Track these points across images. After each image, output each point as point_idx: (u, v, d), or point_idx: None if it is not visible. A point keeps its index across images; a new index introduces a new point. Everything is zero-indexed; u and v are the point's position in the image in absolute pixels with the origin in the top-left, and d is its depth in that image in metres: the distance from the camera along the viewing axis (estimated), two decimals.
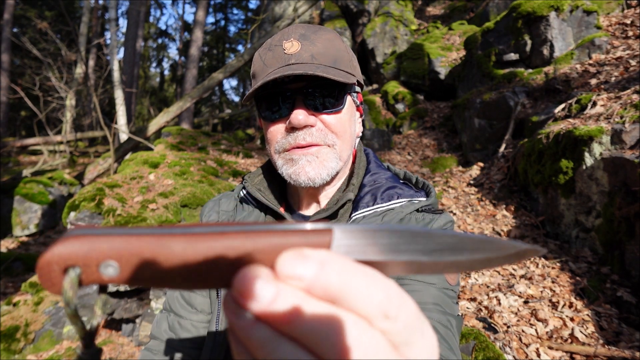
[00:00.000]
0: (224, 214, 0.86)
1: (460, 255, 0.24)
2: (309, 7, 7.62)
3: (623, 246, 2.70)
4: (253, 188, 0.82)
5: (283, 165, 0.76)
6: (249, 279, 0.22)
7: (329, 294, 0.22)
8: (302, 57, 0.71)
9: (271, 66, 0.72)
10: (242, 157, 5.45)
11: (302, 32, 0.73)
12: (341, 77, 0.70)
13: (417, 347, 0.23)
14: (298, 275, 0.22)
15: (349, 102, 0.78)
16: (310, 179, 0.73)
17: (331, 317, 0.21)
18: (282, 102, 0.73)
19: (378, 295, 0.22)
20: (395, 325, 0.22)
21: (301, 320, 0.21)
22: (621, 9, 5.68)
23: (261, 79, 0.71)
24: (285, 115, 0.73)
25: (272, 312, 0.21)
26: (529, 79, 5.33)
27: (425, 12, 12.42)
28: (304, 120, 0.70)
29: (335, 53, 0.73)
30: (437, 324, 0.65)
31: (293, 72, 0.66)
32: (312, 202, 0.83)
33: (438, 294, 0.69)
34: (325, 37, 0.74)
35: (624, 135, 2.93)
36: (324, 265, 0.22)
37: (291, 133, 0.73)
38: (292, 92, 0.72)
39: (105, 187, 3.48)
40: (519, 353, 2.24)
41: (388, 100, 8.17)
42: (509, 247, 0.25)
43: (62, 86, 10.41)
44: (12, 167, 11.18)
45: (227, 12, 26.42)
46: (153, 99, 22.82)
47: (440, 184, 4.91)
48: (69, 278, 0.23)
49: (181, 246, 0.23)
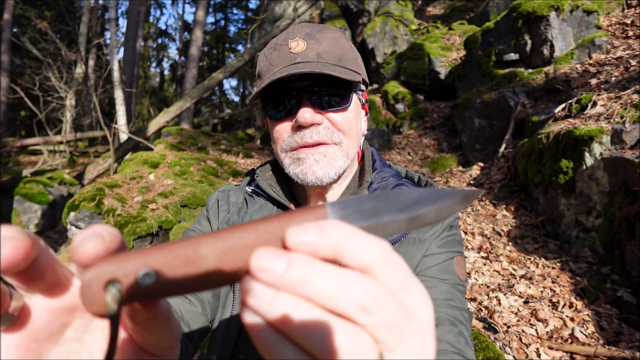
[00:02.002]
0: (234, 205, 0.87)
1: (426, 206, 0.28)
2: (309, 7, 7.62)
3: (623, 246, 2.70)
4: (264, 183, 0.83)
5: (290, 164, 0.76)
6: (263, 256, 0.24)
7: (332, 249, 0.24)
8: (308, 55, 0.71)
9: (277, 65, 0.72)
10: (242, 157, 5.45)
11: (308, 31, 0.73)
12: (347, 75, 0.70)
13: (416, 292, 0.25)
14: (304, 242, 0.24)
15: (354, 100, 0.78)
16: (318, 178, 0.73)
17: (342, 276, 0.24)
18: (288, 101, 0.73)
19: (375, 244, 0.24)
20: (395, 268, 0.24)
21: (312, 285, 0.23)
22: (621, 9, 5.67)
23: (267, 78, 0.71)
24: (292, 114, 0.73)
25: (286, 280, 0.23)
26: (529, 79, 5.33)
27: (425, 12, 12.42)
28: (310, 119, 0.70)
29: (341, 51, 0.74)
30: (452, 319, 0.66)
31: (300, 70, 0.66)
32: (320, 200, 0.83)
33: (450, 290, 0.70)
34: (331, 36, 0.74)
35: (624, 135, 2.93)
36: (323, 228, 0.24)
37: (298, 132, 0.73)
38: (299, 90, 0.72)
39: (105, 187, 3.48)
40: (519, 353, 2.24)
41: (388, 100, 8.17)
42: (457, 192, 0.29)
43: (62, 86, 10.41)
44: (12, 167, 11.18)
45: (227, 12, 26.42)
46: (153, 99, 22.83)
47: (441, 184, 4.91)
48: (111, 293, 0.24)
49: (207, 243, 0.25)
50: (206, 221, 0.88)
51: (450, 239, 0.75)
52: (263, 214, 0.81)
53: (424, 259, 0.72)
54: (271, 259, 0.23)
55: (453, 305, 0.68)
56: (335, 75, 0.67)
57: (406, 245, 0.72)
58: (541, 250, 3.26)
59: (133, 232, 3.02)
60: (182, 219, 3.40)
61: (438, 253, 0.72)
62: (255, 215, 0.81)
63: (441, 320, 0.65)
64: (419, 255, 0.71)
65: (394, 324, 0.23)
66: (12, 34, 10.77)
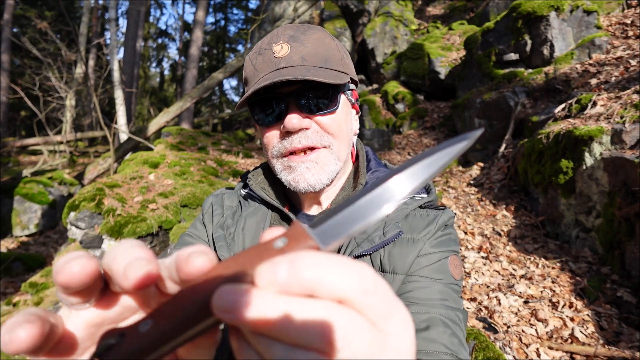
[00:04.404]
0: (229, 208, 0.86)
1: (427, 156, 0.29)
2: (309, 7, 7.62)
3: (623, 246, 2.70)
4: (257, 187, 0.82)
5: (282, 171, 0.75)
6: (224, 294, 0.23)
7: (305, 287, 0.23)
8: (292, 59, 0.70)
9: (262, 71, 0.71)
10: (242, 157, 5.45)
11: (291, 34, 0.72)
12: (332, 78, 0.69)
13: (396, 319, 0.24)
14: (272, 280, 0.23)
15: (343, 101, 0.77)
16: (310, 185, 0.73)
17: (311, 312, 0.23)
18: (276, 106, 0.72)
19: (353, 275, 0.23)
20: (375, 297, 0.23)
21: (285, 322, 0.22)
22: (621, 9, 5.67)
23: (252, 85, 0.71)
24: (280, 119, 0.72)
25: (248, 320, 0.22)
26: (529, 79, 5.32)
27: (425, 12, 12.42)
28: (298, 124, 0.70)
29: (326, 53, 0.72)
30: (446, 320, 0.65)
31: (283, 77, 0.65)
32: (314, 203, 0.83)
33: (445, 289, 0.69)
34: (315, 37, 0.73)
35: (624, 135, 2.93)
36: (294, 263, 0.23)
37: (287, 137, 0.72)
38: (285, 95, 0.71)
39: (105, 187, 3.48)
40: (519, 353, 2.24)
41: (388, 100, 8.17)
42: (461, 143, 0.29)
43: (62, 86, 10.40)
44: (12, 167, 11.18)
45: (227, 12, 26.42)
46: (153, 99, 22.82)
47: (440, 184, 4.91)
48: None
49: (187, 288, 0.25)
50: (202, 225, 0.88)
51: (445, 238, 0.75)
52: (257, 218, 0.81)
53: (418, 259, 0.71)
54: (234, 299, 0.22)
55: (447, 305, 0.67)
56: (319, 80, 0.66)
57: (399, 245, 0.72)
58: (541, 250, 3.26)
59: (133, 232, 3.02)
60: (182, 219, 3.40)
61: (432, 253, 0.72)
62: (249, 219, 0.81)
63: (435, 322, 0.65)
64: (413, 255, 0.71)
65: (369, 353, 0.22)
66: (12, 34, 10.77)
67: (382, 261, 0.71)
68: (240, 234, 0.79)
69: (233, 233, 0.80)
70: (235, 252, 0.77)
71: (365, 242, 0.70)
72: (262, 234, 0.28)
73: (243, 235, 0.78)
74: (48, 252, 5.36)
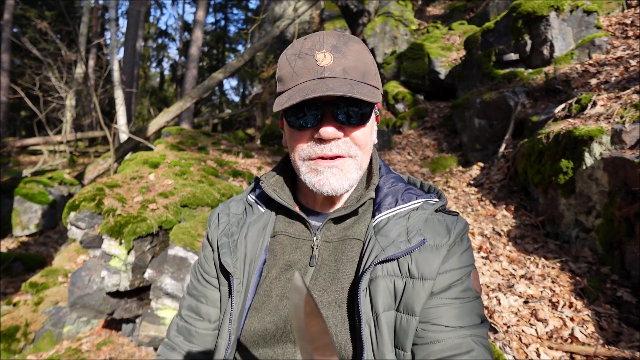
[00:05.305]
0: (234, 216, 0.89)
1: None
2: (309, 7, 7.63)
3: (623, 246, 2.70)
4: (269, 189, 0.85)
5: (307, 172, 0.77)
6: None
7: None
8: (334, 70, 0.71)
9: (302, 76, 0.72)
10: (242, 157, 5.45)
11: (334, 43, 0.73)
12: (372, 96, 0.71)
13: None
14: None
15: (372, 116, 0.80)
16: (334, 190, 0.75)
17: None
18: (309, 111, 0.73)
19: None
20: None
21: None
22: (621, 9, 5.67)
23: (292, 88, 0.72)
24: (313, 125, 0.74)
25: None
26: (529, 79, 5.33)
27: (425, 12, 12.43)
28: (333, 134, 0.72)
29: (364, 67, 0.74)
30: (480, 339, 0.69)
31: (333, 92, 0.66)
32: (327, 202, 0.86)
33: (473, 307, 0.73)
34: (355, 49, 0.74)
35: (624, 135, 2.93)
36: None
37: (318, 144, 0.74)
38: (323, 104, 0.73)
39: (105, 187, 3.48)
40: (519, 353, 2.24)
41: (388, 100, 8.17)
42: None
43: (62, 86, 10.40)
44: (12, 167, 11.18)
45: (227, 12, 26.42)
46: (153, 99, 22.81)
47: (440, 184, 4.91)
48: None
49: None
50: (207, 246, 0.91)
51: (466, 253, 0.76)
52: (258, 226, 0.84)
53: (442, 277, 0.72)
54: None
55: (475, 324, 0.70)
56: (365, 99, 0.69)
57: (424, 252, 0.73)
58: (541, 250, 3.26)
59: (133, 232, 3.02)
60: (182, 219, 3.40)
61: (455, 269, 0.73)
62: (252, 228, 0.84)
63: (469, 345, 0.67)
64: (437, 261, 0.72)
65: None
66: (12, 34, 10.77)
67: (410, 268, 0.72)
68: (242, 241, 0.82)
69: (236, 240, 0.83)
70: (238, 258, 0.80)
71: (390, 247, 0.72)
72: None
73: (245, 242, 0.82)
74: (48, 252, 5.36)
